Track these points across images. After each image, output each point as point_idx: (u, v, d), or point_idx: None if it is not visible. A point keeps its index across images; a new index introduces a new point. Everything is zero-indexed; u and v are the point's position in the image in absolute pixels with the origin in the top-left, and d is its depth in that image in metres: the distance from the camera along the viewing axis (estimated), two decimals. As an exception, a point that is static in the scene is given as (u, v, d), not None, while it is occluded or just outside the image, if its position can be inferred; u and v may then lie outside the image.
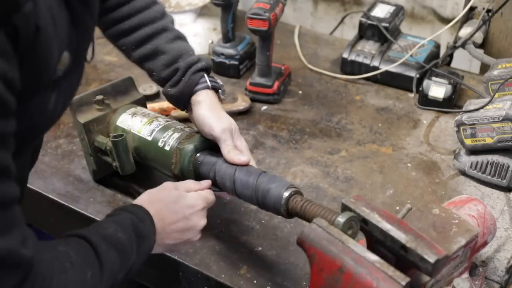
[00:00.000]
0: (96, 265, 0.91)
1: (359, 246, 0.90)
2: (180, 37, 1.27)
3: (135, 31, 1.24)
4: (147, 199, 1.09)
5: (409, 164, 1.46)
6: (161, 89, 1.28)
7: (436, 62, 1.69)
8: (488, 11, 1.70)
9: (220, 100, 1.25)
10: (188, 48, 1.26)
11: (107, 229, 0.97)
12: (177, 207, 1.08)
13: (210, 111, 1.20)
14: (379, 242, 0.94)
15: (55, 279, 0.83)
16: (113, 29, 1.25)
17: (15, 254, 0.75)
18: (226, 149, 1.16)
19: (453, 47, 1.72)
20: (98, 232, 0.96)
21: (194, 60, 1.23)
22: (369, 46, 1.77)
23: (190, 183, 1.14)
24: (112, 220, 1.01)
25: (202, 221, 1.11)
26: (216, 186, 1.18)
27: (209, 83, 1.23)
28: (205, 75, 1.23)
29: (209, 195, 1.13)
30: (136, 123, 1.29)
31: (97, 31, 2.01)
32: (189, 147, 1.19)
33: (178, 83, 1.22)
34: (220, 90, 1.26)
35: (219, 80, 1.26)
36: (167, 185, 1.12)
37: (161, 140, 1.23)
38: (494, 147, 1.36)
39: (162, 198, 1.08)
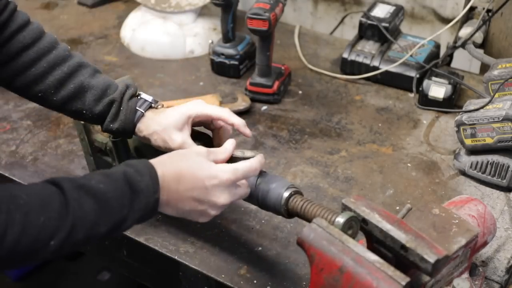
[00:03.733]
0: (56, 211, 0.87)
1: (359, 246, 0.90)
2: (98, 71, 1.21)
3: (49, 74, 1.16)
4: (166, 157, 1.03)
5: (409, 164, 1.46)
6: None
7: (436, 62, 1.68)
8: (488, 11, 1.70)
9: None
10: (109, 79, 1.20)
11: (89, 180, 0.93)
12: (198, 173, 1.01)
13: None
14: (379, 242, 0.94)
15: None
16: (20, 78, 1.16)
17: None
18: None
19: (453, 47, 1.72)
20: (76, 180, 0.92)
21: (124, 88, 1.18)
22: (369, 46, 1.77)
23: (219, 154, 1.07)
24: (101, 172, 0.97)
25: (222, 197, 1.02)
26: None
27: (145, 105, 1.18)
28: (139, 98, 1.19)
29: (241, 166, 1.04)
30: (136, 123, 1.29)
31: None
32: (189, 147, 1.19)
33: (117, 115, 1.17)
34: (153, 104, 1.20)
35: (148, 96, 1.21)
36: (196, 149, 1.06)
37: (161, 140, 1.23)
38: (494, 147, 1.36)
39: (184, 160, 1.02)
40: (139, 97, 1.20)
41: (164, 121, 1.15)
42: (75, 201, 0.89)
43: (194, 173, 1.01)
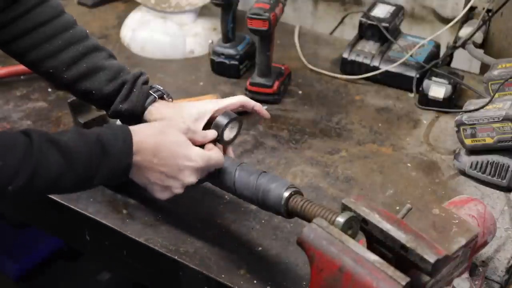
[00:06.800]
0: (17, 158, 0.90)
1: (359, 246, 0.90)
2: (112, 56, 1.22)
3: (63, 51, 1.17)
4: (147, 127, 1.09)
5: (409, 164, 1.46)
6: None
7: (436, 62, 1.68)
8: (488, 11, 1.70)
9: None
10: (124, 66, 1.22)
11: (62, 135, 0.96)
12: (176, 151, 1.06)
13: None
14: (379, 242, 0.94)
15: None
16: (34, 52, 1.17)
17: None
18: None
19: (453, 47, 1.72)
20: (48, 134, 0.95)
21: (138, 73, 1.20)
22: (369, 46, 1.77)
23: (198, 136, 1.13)
24: (77, 130, 1.00)
25: (191, 178, 1.08)
26: (216, 185, 1.18)
27: (158, 93, 1.21)
28: (152, 86, 1.22)
29: (214, 156, 1.10)
30: (136, 123, 1.29)
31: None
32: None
33: (128, 96, 1.18)
34: (165, 97, 1.23)
35: (160, 87, 1.24)
36: (177, 124, 1.10)
37: (161, 140, 1.23)
38: (494, 147, 1.36)
39: (165, 135, 1.06)
40: (152, 86, 1.22)
41: (183, 111, 1.17)
42: (40, 152, 0.91)
43: (172, 150, 1.05)
